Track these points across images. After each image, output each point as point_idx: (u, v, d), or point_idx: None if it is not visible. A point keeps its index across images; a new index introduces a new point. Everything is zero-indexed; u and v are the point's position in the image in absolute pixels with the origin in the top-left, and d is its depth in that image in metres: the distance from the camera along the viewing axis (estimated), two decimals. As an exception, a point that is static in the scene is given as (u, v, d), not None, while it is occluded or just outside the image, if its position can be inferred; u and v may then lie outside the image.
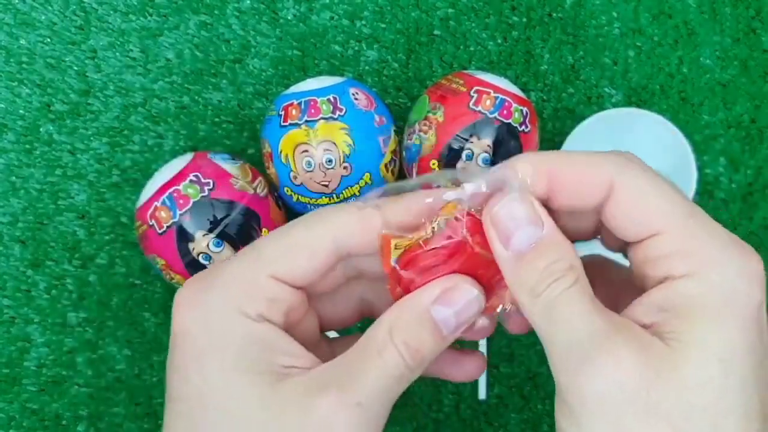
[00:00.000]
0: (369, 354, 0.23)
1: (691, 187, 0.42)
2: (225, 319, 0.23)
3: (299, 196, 0.39)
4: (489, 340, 0.45)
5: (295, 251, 0.24)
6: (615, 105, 0.46)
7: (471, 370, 0.28)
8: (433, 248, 0.23)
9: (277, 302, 0.24)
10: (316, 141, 0.37)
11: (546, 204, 0.23)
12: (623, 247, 0.25)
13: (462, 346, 0.45)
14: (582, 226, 0.25)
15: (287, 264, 0.24)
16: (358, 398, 0.22)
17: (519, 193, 0.23)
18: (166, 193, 0.37)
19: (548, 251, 0.22)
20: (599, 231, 0.26)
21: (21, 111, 0.43)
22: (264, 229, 0.38)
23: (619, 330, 0.21)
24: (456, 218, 0.23)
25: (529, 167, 0.23)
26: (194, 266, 0.37)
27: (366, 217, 0.24)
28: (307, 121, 0.37)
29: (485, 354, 0.44)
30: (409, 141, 0.40)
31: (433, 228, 0.23)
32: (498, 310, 0.25)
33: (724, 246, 0.22)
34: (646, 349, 0.21)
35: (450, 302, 0.23)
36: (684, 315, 0.21)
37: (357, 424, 0.22)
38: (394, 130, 0.40)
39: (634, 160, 0.23)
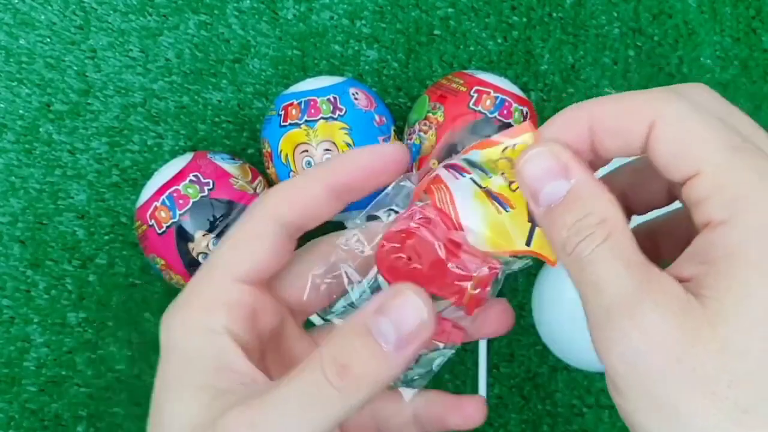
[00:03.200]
0: (296, 370, 0.20)
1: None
2: (184, 336, 0.22)
3: (299, 196, 0.39)
4: (489, 340, 0.45)
5: (242, 244, 0.23)
6: (615, 105, 0.46)
7: (472, 413, 0.26)
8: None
9: (238, 306, 0.23)
10: (316, 141, 0.37)
11: (594, 156, 0.22)
12: None
13: (464, 349, 0.45)
14: (654, 190, 0.24)
15: (237, 258, 0.23)
16: (256, 419, 0.20)
17: (545, 144, 0.21)
18: (166, 193, 0.37)
19: (576, 205, 0.20)
20: (675, 196, 0.24)
21: (20, 111, 0.43)
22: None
23: (650, 292, 0.19)
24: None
25: (566, 120, 0.22)
26: (194, 266, 0.37)
27: (308, 179, 0.23)
28: (307, 120, 0.37)
29: (486, 381, 0.44)
30: (409, 141, 0.40)
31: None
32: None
33: None
34: (682, 311, 0.18)
35: (388, 310, 0.20)
36: (722, 269, 0.18)
37: None
38: (394, 130, 0.40)
39: (686, 92, 0.20)
